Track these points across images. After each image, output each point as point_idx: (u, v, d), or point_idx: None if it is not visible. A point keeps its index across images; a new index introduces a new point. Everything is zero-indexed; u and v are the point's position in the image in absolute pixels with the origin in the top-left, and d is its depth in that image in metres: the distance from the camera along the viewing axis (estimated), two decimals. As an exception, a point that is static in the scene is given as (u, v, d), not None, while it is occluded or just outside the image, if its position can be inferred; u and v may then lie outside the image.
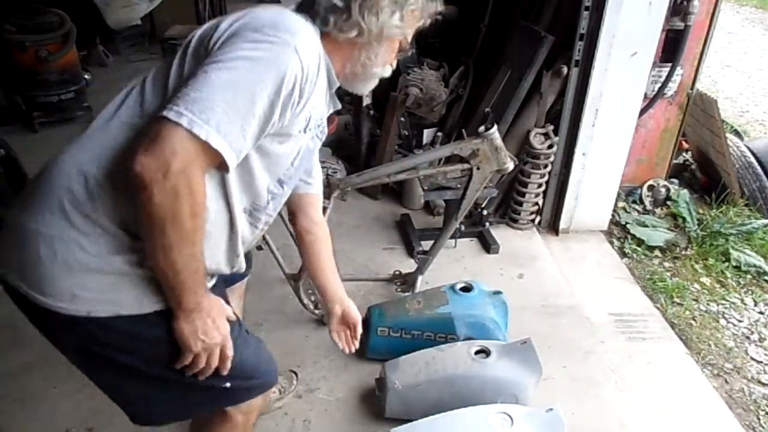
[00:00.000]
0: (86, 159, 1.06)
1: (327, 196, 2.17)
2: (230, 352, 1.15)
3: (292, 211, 1.55)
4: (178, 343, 1.10)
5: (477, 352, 1.90)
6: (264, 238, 2.12)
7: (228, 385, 1.21)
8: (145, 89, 1.11)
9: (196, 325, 1.09)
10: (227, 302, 1.32)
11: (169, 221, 0.95)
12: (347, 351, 1.65)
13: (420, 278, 2.53)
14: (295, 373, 2.08)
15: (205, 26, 1.12)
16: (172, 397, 1.22)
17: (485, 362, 1.86)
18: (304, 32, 1.08)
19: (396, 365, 1.91)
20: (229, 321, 1.18)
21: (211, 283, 1.20)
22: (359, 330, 1.63)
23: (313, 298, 2.34)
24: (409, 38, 1.29)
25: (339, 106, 1.37)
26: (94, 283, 1.05)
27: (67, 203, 1.04)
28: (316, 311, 2.36)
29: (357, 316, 1.61)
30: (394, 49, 1.28)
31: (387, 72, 1.32)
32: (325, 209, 2.06)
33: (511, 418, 1.61)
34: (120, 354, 1.12)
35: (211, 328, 1.11)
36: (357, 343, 1.65)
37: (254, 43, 1.02)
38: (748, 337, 2.52)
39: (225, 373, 1.17)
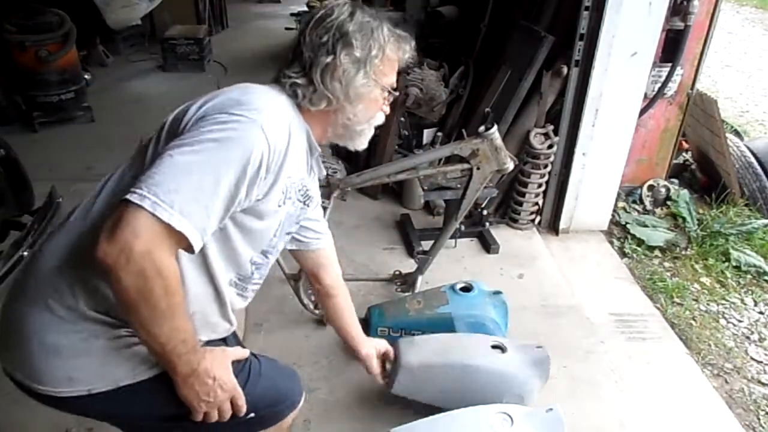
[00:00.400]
0: (64, 252, 1.08)
1: (327, 196, 2.18)
2: (241, 401, 1.15)
3: (313, 273, 1.56)
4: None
5: (493, 347, 1.87)
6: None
7: (252, 415, 1.21)
8: (123, 175, 1.11)
9: (196, 390, 1.07)
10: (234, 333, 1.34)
11: (142, 302, 0.93)
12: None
13: (420, 278, 2.53)
14: (295, 374, 2.08)
15: (178, 109, 1.12)
16: None
17: (501, 357, 1.84)
18: (270, 108, 1.07)
19: (411, 342, 1.87)
20: (237, 361, 1.18)
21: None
22: (391, 356, 1.80)
23: (313, 297, 2.33)
24: (393, 83, 1.27)
25: (324, 173, 1.36)
26: (86, 364, 1.08)
27: (51, 301, 1.06)
28: (316, 311, 2.35)
29: (388, 345, 1.79)
30: (376, 100, 1.25)
31: (379, 120, 1.30)
32: (325, 209, 2.06)
33: (511, 418, 1.61)
34: (132, 418, 1.16)
35: (212, 388, 1.09)
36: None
37: (220, 124, 1.01)
38: (748, 337, 2.52)
39: (242, 415, 1.17)
